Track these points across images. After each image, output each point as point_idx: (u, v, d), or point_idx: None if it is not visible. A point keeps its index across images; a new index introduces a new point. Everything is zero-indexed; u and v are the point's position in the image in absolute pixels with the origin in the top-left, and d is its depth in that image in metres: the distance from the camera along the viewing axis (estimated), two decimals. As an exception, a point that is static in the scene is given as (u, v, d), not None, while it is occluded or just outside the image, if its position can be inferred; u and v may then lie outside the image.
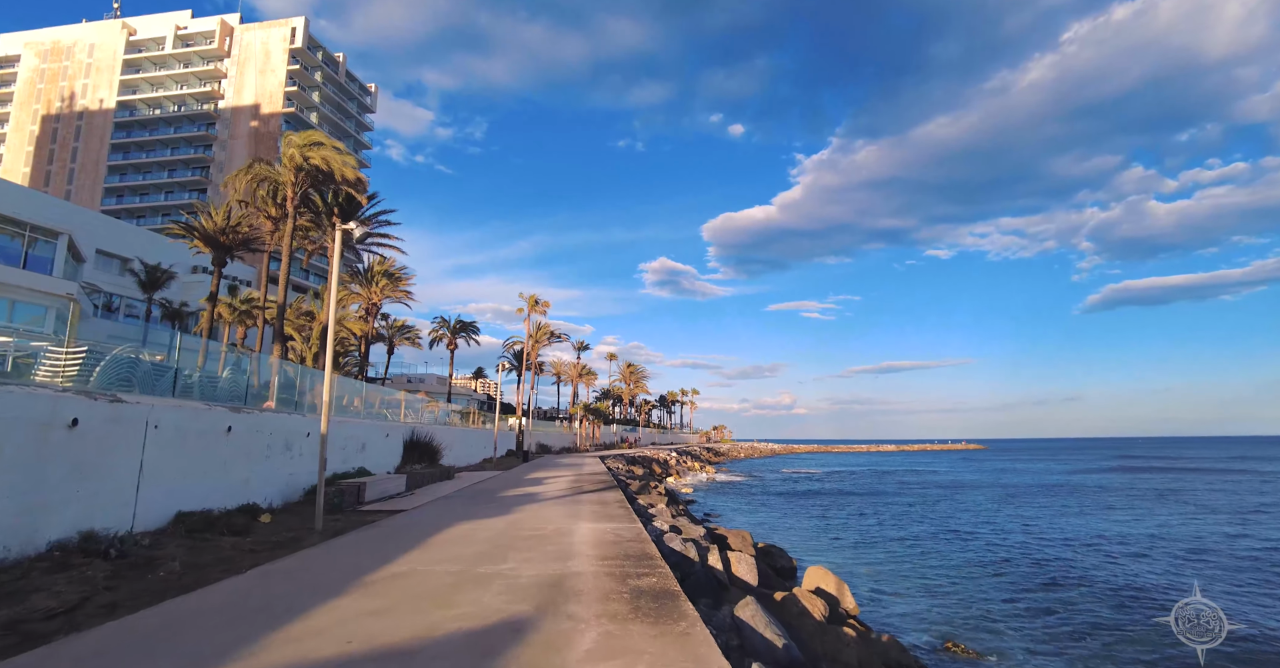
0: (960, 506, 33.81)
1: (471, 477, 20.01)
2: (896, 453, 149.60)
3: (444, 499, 13.19)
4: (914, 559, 17.95)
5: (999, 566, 17.32)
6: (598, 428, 64.82)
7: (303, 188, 26.61)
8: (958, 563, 17.55)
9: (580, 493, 14.59)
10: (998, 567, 17.15)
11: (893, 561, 17.76)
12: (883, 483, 50.63)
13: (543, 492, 14.84)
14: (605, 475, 21.14)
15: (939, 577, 15.86)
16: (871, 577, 15.79)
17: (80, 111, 73.84)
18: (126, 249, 47.47)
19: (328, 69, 76.72)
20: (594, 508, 11.64)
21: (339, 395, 16.84)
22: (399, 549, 7.71)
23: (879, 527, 25.24)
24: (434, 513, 11.14)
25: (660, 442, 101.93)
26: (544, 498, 13.44)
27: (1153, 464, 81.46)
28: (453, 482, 17.46)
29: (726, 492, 41.75)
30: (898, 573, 16.20)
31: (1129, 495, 38.91)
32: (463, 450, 26.42)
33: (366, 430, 15.40)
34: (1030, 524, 26.12)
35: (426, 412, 29.79)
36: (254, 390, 14.94)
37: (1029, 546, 20.69)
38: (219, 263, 33.01)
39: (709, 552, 8.88)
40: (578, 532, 8.87)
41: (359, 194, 27.83)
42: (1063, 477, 58.10)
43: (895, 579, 15.53)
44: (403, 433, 17.92)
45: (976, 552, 19.33)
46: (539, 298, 53.53)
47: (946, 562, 17.71)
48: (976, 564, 17.44)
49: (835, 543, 21.13)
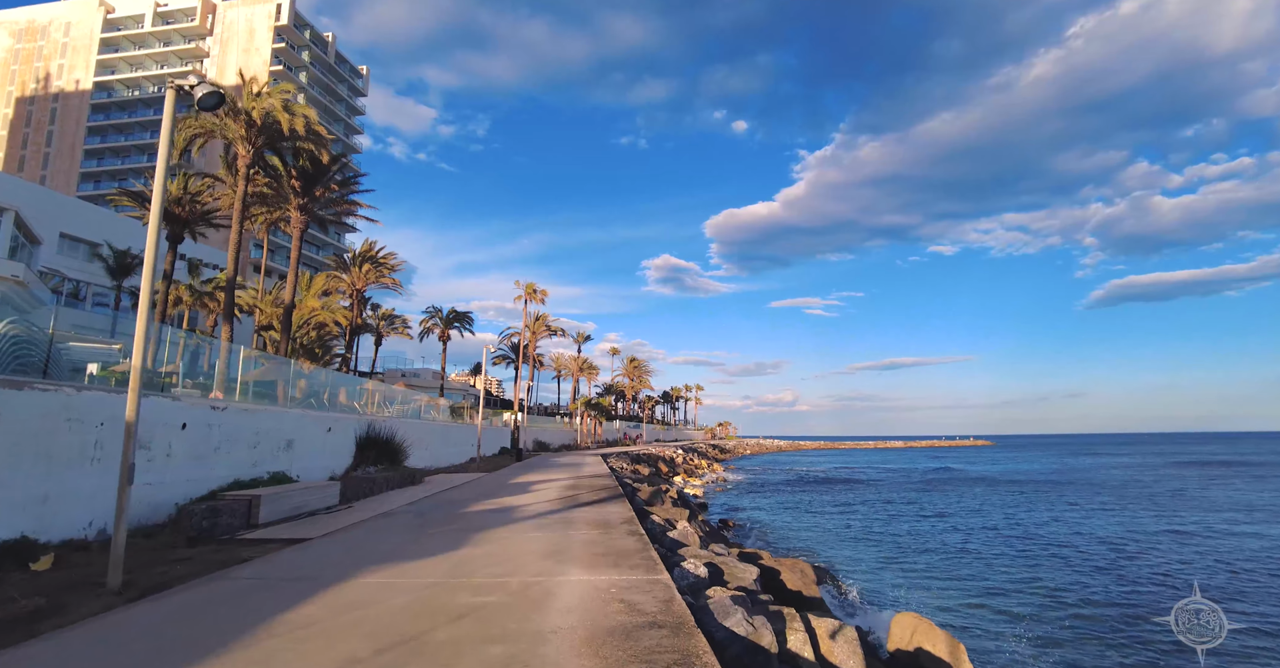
0: (1039, 508, 29.79)
1: (445, 481, 16.28)
2: (905, 449, 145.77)
3: (383, 518, 9.42)
4: (1020, 592, 13.98)
5: (1149, 598, 13.28)
6: (600, 424, 61.11)
7: (255, 146, 22.90)
8: (1095, 598, 13.44)
9: (574, 506, 10.83)
10: (1149, 599, 13.11)
11: (987, 592, 13.80)
12: (915, 481, 46.60)
13: (525, 505, 11.08)
14: (607, 479, 17.39)
15: (1072, 624, 11.84)
16: (975, 620, 11.95)
17: (56, 93, 70.28)
18: (94, 233, 43.79)
19: (316, 49, 73.04)
20: (591, 535, 7.85)
21: (269, 380, 13.13)
22: (202, 651, 3.97)
23: (945, 541, 21.32)
24: (347, 547, 7.39)
25: (664, 439, 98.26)
26: (523, 516, 9.65)
27: (1222, 459, 77.35)
28: (415, 489, 13.73)
29: (743, 492, 37.97)
30: (1004, 615, 12.30)
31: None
32: (444, 449, 22.71)
33: (295, 423, 11.66)
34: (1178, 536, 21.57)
35: (416, 405, 26.09)
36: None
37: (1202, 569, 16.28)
38: (174, 238, 29.37)
39: (788, 628, 5.13)
40: (560, 596, 5.10)
41: (319, 151, 24.07)
42: (1146, 472, 53.67)
43: (1005, 626, 11.62)
44: (355, 428, 14.21)
45: (1119, 583, 14.78)
46: (536, 286, 49.79)
47: (1067, 593, 13.67)
48: (1123, 603, 13.33)
49: (897, 563, 17.26)
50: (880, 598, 12.84)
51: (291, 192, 24.57)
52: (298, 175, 24.10)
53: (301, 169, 24.42)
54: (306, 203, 24.89)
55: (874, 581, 14.40)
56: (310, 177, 24.50)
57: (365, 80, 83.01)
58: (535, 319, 57.16)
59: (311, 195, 24.88)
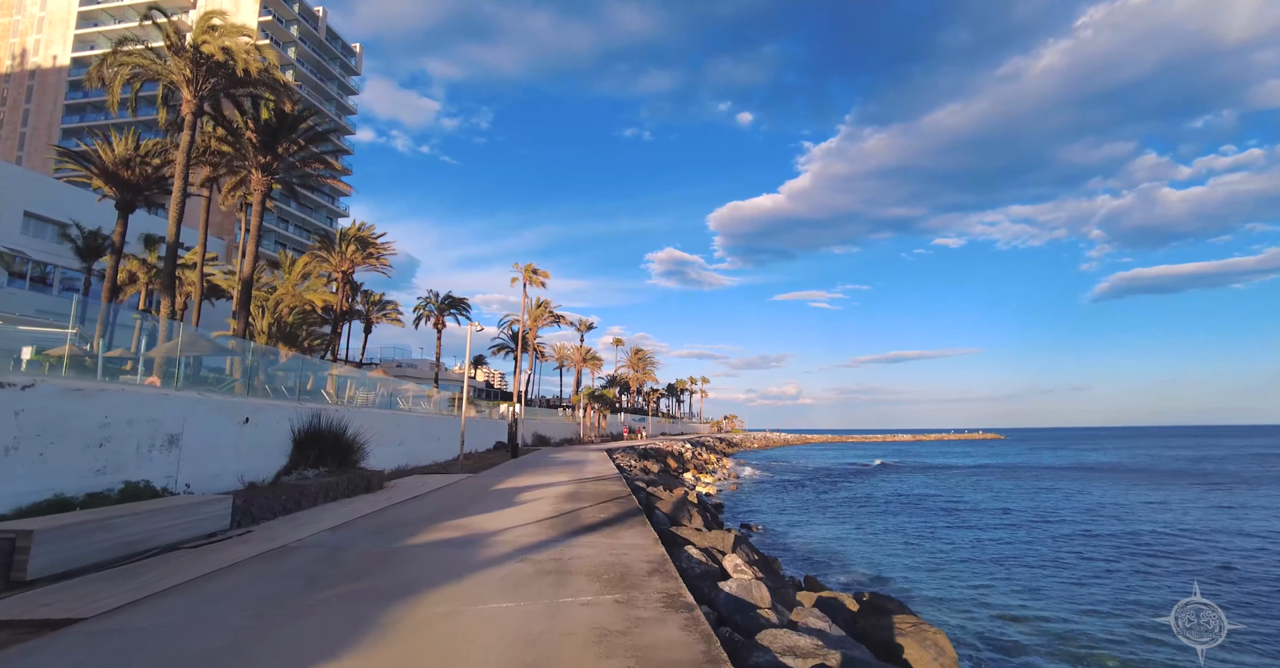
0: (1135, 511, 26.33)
1: (413, 486, 13.16)
2: (913, 442, 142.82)
3: (265, 561, 6.01)
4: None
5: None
6: (603, 417, 58.02)
7: (203, 90, 19.66)
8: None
9: (573, 534, 7.61)
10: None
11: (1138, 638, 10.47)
12: (945, 478, 43.30)
13: (501, 530, 7.86)
14: (616, 482, 14.24)
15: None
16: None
17: (32, 70, 67.00)
18: (63, 212, 40.68)
19: (305, 23, 69.54)
20: (601, 613, 4.48)
21: (199, 357, 9.97)
22: None
23: (1051, 554, 18.03)
24: (113, 653, 4.18)
25: (670, 432, 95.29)
26: (491, 556, 6.29)
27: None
28: (365, 499, 10.60)
29: (763, 492, 34.85)
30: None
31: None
32: (423, 446, 19.61)
33: (183, 410, 8.33)
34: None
35: (386, 392, 22.97)
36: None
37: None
38: (124, 206, 26.16)
39: None
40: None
41: (283, 101, 20.81)
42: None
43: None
44: (292, 418, 11.07)
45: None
46: (536, 267, 46.51)
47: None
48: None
49: (995, 598, 14.08)
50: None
51: (251, 148, 21.33)
52: (256, 129, 20.85)
53: (263, 123, 21.18)
54: (270, 162, 21.66)
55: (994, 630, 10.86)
56: (273, 131, 21.25)
57: (359, 59, 79.46)
58: (536, 305, 53.95)
59: (275, 153, 21.64)
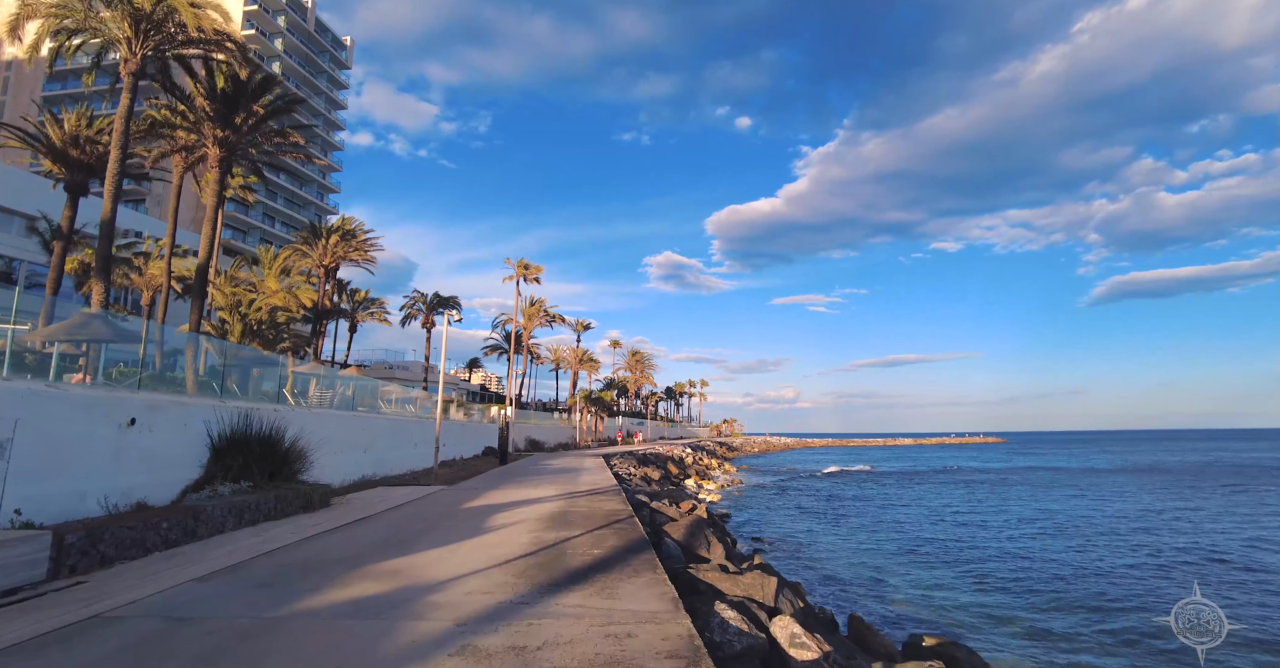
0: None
1: (369, 503, 10.85)
2: (914, 446, 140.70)
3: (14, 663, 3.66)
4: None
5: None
6: (601, 421, 55.65)
7: (144, 47, 17.42)
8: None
9: (553, 588, 5.22)
10: None
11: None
12: (975, 490, 40.93)
13: (447, 582, 5.36)
14: (614, 498, 11.93)
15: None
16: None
17: (9, 61, 64.61)
18: (30, 204, 38.31)
19: (293, 14, 67.33)
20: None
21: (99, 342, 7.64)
22: None
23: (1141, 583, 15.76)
24: None
25: (669, 436, 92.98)
26: (413, 641, 3.64)
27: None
28: (295, 522, 8.30)
29: (769, 500, 32.49)
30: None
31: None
32: (394, 453, 17.30)
33: (11, 405, 5.90)
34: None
35: (345, 392, 20.65)
36: None
37: None
38: (74, 188, 23.85)
39: None
40: None
41: (239, 67, 18.55)
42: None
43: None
44: (207, 420, 8.77)
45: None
46: (529, 263, 44.24)
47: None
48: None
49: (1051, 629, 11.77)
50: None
51: (204, 118, 19.06)
52: (208, 95, 18.58)
53: (218, 90, 18.92)
54: (227, 136, 19.40)
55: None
56: (228, 99, 18.99)
57: (349, 52, 77.28)
58: (530, 303, 51.66)
59: (233, 126, 19.39)
